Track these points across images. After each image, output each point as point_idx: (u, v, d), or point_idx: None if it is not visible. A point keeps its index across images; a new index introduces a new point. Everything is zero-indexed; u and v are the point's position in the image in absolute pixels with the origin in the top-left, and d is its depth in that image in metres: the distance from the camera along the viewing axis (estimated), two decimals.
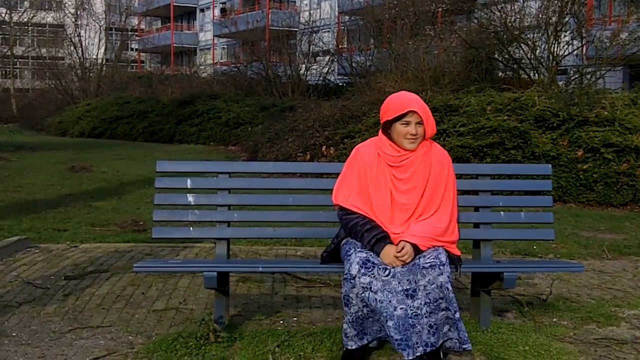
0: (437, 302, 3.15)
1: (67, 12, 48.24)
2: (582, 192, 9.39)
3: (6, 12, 48.48)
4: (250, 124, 20.31)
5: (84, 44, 38.97)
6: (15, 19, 49.66)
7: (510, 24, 14.78)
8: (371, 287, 3.17)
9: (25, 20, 50.16)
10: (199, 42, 54.58)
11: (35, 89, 44.46)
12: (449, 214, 3.43)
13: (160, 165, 3.97)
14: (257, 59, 26.48)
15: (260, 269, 3.99)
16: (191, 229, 4.05)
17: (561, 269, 4.77)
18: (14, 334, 3.76)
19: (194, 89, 25.95)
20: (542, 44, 14.56)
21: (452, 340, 3.22)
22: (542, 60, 14.50)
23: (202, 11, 54.92)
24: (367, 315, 3.24)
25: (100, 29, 42.17)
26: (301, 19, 33.66)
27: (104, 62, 39.30)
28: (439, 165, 3.46)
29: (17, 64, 53.00)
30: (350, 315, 3.24)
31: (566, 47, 15.08)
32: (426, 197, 3.41)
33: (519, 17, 14.99)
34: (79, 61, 37.86)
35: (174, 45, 53.70)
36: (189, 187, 3.94)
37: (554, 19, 14.43)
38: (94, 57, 40.16)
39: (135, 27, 56.88)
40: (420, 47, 16.11)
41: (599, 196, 9.31)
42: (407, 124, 3.37)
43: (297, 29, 30.52)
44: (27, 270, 5.16)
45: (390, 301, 3.16)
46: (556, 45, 14.37)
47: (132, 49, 56.28)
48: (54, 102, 34.38)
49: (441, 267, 3.19)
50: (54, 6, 53.11)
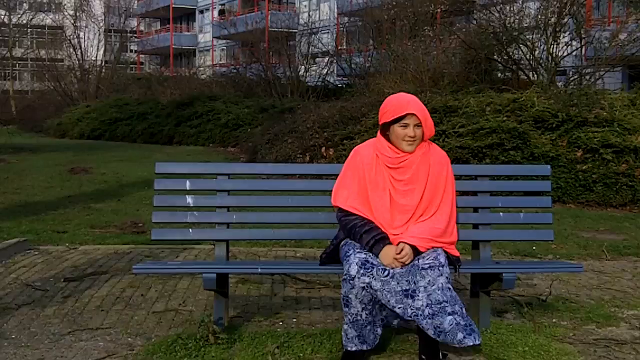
0: (441, 304, 3.13)
1: (66, 13, 48.24)
2: (582, 192, 9.39)
3: (5, 14, 48.52)
4: (249, 125, 20.29)
5: (83, 45, 39.09)
6: (14, 20, 49.73)
7: (509, 25, 14.79)
8: (371, 287, 3.17)
9: (24, 22, 50.22)
10: (198, 44, 54.59)
11: (34, 91, 44.49)
12: (448, 215, 3.43)
13: (159, 166, 3.97)
14: (256, 61, 26.48)
15: (259, 270, 3.99)
16: (190, 230, 4.05)
17: (560, 269, 4.78)
18: (14, 336, 3.76)
19: (193, 90, 25.94)
20: (541, 45, 14.57)
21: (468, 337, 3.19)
22: (541, 61, 14.51)
23: (201, 13, 54.93)
24: (366, 321, 3.24)
25: (99, 31, 42.24)
26: (300, 20, 33.71)
27: (103, 64, 39.35)
28: (438, 166, 3.46)
29: (17, 65, 53.04)
30: (350, 315, 3.24)
31: (565, 47, 15.09)
32: (426, 198, 3.40)
33: (518, 18, 15.01)
34: (78, 63, 37.90)
35: (173, 46, 53.73)
36: (188, 188, 3.94)
37: (553, 19, 14.45)
38: (93, 58, 40.22)
39: (134, 29, 56.94)
40: (419, 48, 16.11)
41: (598, 197, 9.32)
42: (405, 126, 3.36)
43: (296, 30, 30.53)
44: (27, 272, 5.16)
45: (389, 301, 3.17)
46: (555, 46, 14.39)
47: (131, 51, 56.30)
48: (53, 104, 34.38)
49: (440, 268, 3.19)
50: (53, 8, 53.14)
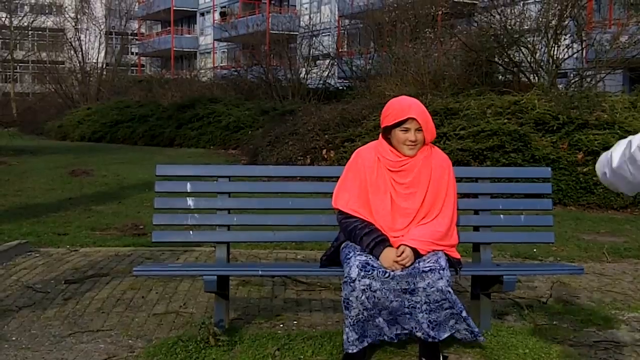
0: (439, 302, 3.17)
1: (67, 16, 48.33)
2: (582, 195, 9.39)
3: (6, 17, 48.59)
4: (250, 127, 20.30)
5: (84, 48, 39.12)
6: (15, 23, 49.81)
7: (510, 28, 14.80)
8: (371, 288, 3.17)
9: (25, 24, 50.29)
10: (199, 46, 54.62)
11: (35, 93, 44.51)
12: (449, 218, 3.43)
13: (160, 169, 3.97)
14: (257, 63, 26.48)
15: (260, 272, 3.99)
16: (191, 232, 4.05)
17: (561, 271, 4.77)
18: (14, 338, 3.76)
19: (194, 92, 25.97)
20: (542, 47, 14.57)
21: (461, 332, 3.27)
22: (542, 63, 14.51)
23: (202, 15, 54.96)
24: (368, 317, 3.24)
25: (100, 33, 42.27)
26: (301, 22, 33.70)
27: (104, 66, 39.38)
28: (439, 169, 3.46)
29: (18, 68, 53.12)
30: (351, 318, 3.23)
31: (566, 50, 15.09)
32: (427, 201, 3.40)
33: (519, 20, 15.01)
34: (79, 65, 37.93)
35: (174, 49, 53.74)
36: (189, 190, 3.94)
37: (553, 22, 14.45)
38: (94, 61, 40.24)
39: (135, 31, 56.96)
40: (420, 50, 16.11)
41: (599, 199, 9.31)
42: (406, 131, 3.36)
43: (297, 33, 30.51)
44: (27, 274, 5.16)
45: (387, 297, 3.19)
46: (556, 48, 14.39)
47: (132, 53, 56.35)
48: (54, 106, 34.43)
49: (441, 271, 3.19)
50: (54, 10, 53.19)
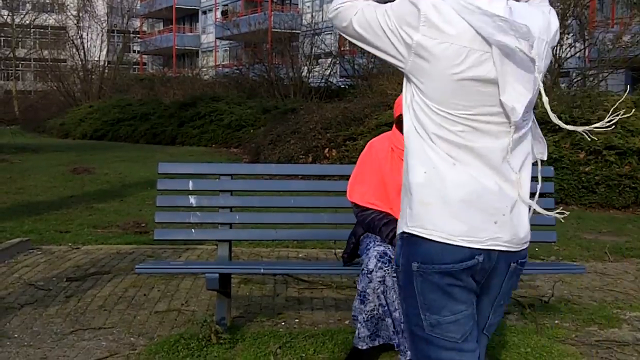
0: None
1: (69, 14, 48.25)
2: (584, 194, 9.38)
3: (8, 14, 48.60)
4: (252, 126, 20.29)
5: (86, 46, 39.02)
6: (17, 21, 49.80)
7: None
8: (384, 282, 3.17)
9: (27, 22, 50.26)
10: (201, 44, 54.62)
11: (37, 91, 44.53)
12: None
13: (162, 167, 3.97)
14: (259, 61, 26.45)
15: (262, 270, 3.99)
16: (193, 230, 4.06)
17: (563, 271, 4.77)
18: (16, 335, 3.77)
19: (196, 91, 25.95)
20: None
21: None
22: None
23: (204, 13, 54.94)
24: (382, 315, 3.22)
25: (102, 31, 42.14)
26: (303, 21, 33.67)
27: (106, 64, 39.33)
28: None
29: (19, 66, 53.11)
30: (365, 313, 3.20)
31: (569, 49, 15.07)
32: None
33: None
34: (81, 63, 37.87)
35: (176, 47, 53.75)
36: (191, 189, 3.94)
37: None
38: (96, 59, 40.16)
39: (137, 29, 56.94)
40: None
41: (601, 198, 9.30)
42: None
43: (299, 31, 30.49)
44: (29, 271, 5.17)
45: (393, 301, 3.17)
46: (559, 47, 14.37)
47: (134, 51, 56.33)
48: (56, 104, 34.42)
49: None
50: (56, 8, 53.14)
